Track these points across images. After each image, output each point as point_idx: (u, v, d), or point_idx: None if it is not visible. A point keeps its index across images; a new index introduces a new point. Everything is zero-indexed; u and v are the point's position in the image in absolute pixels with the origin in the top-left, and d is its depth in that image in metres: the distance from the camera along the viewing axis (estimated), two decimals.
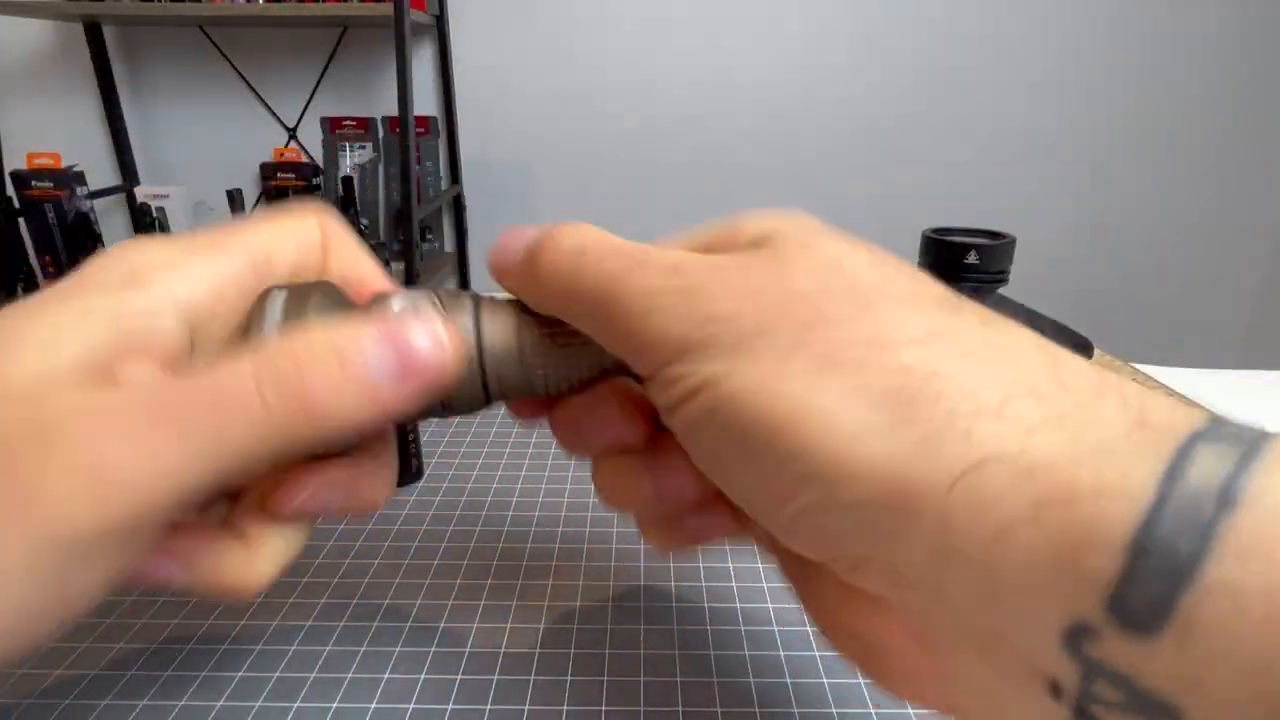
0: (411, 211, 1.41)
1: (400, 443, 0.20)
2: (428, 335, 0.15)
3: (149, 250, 0.16)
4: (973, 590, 0.11)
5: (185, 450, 0.13)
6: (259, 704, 0.21)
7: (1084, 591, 0.10)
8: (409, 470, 0.33)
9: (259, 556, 0.17)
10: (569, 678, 0.22)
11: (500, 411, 0.40)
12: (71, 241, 1.48)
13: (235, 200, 1.54)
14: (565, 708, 0.21)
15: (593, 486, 0.19)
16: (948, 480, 0.11)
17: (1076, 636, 0.10)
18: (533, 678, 0.22)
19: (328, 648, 0.23)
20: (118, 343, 0.15)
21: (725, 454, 0.14)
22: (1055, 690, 0.11)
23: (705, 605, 0.26)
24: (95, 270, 0.16)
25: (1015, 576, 0.11)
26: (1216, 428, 0.11)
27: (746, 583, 0.27)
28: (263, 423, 0.14)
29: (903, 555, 0.12)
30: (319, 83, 1.66)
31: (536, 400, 0.19)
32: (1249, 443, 0.11)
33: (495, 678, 0.22)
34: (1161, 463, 0.10)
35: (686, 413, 0.15)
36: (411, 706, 0.21)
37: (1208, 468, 0.10)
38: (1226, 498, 0.10)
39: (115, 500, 0.13)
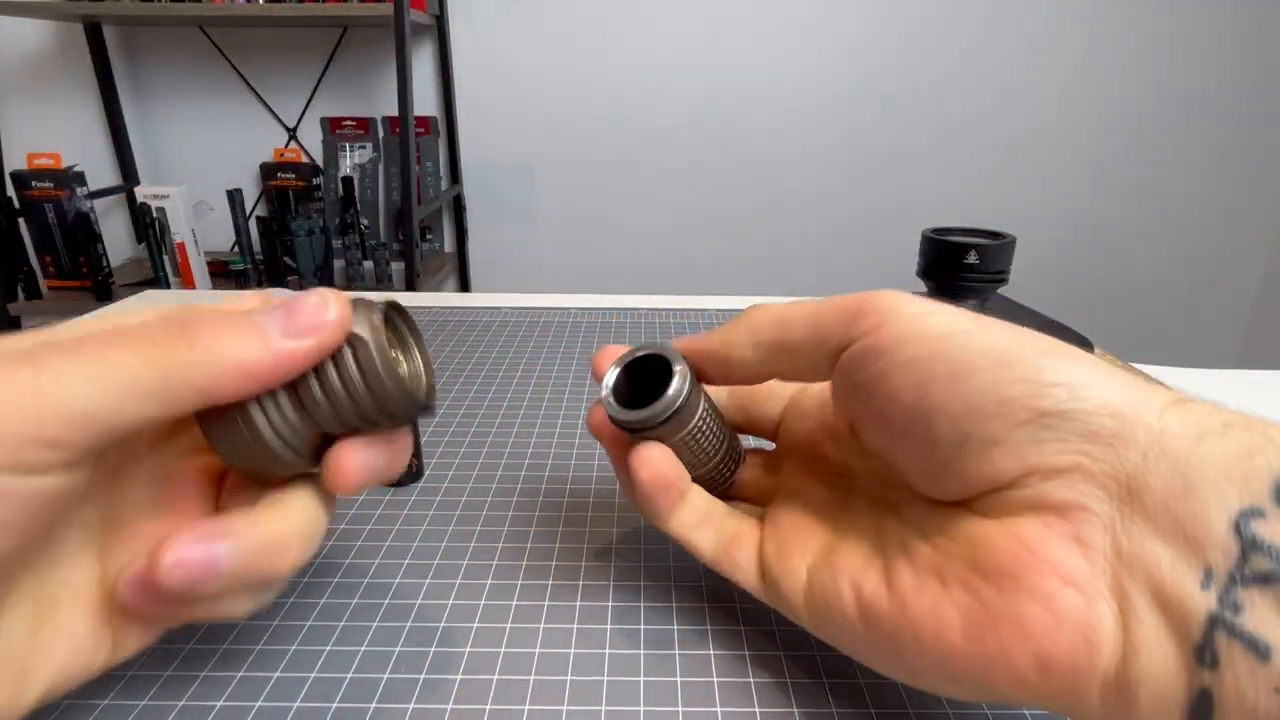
0: (411, 211, 1.41)
1: None
2: (315, 296, 0.18)
3: None
4: (1175, 482, 0.15)
5: (75, 367, 0.15)
6: (259, 704, 0.21)
7: (1257, 482, 0.14)
8: (409, 471, 0.33)
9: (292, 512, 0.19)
10: (569, 678, 0.22)
11: (502, 412, 0.40)
12: (71, 241, 1.48)
13: (235, 200, 1.54)
14: (565, 708, 0.21)
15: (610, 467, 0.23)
16: (1159, 407, 0.16)
17: (1246, 518, 0.14)
18: (533, 678, 0.22)
19: (328, 648, 0.23)
20: None
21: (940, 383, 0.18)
22: (1207, 576, 0.14)
23: (705, 605, 0.26)
24: None
25: (1209, 469, 0.15)
26: None
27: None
28: (149, 347, 0.16)
29: (1116, 456, 0.16)
30: (319, 83, 1.66)
31: None
32: None
33: (495, 678, 0.22)
34: None
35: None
36: (411, 706, 0.21)
37: None
38: None
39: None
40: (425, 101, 1.66)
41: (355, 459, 0.19)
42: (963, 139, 1.72)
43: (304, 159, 1.70)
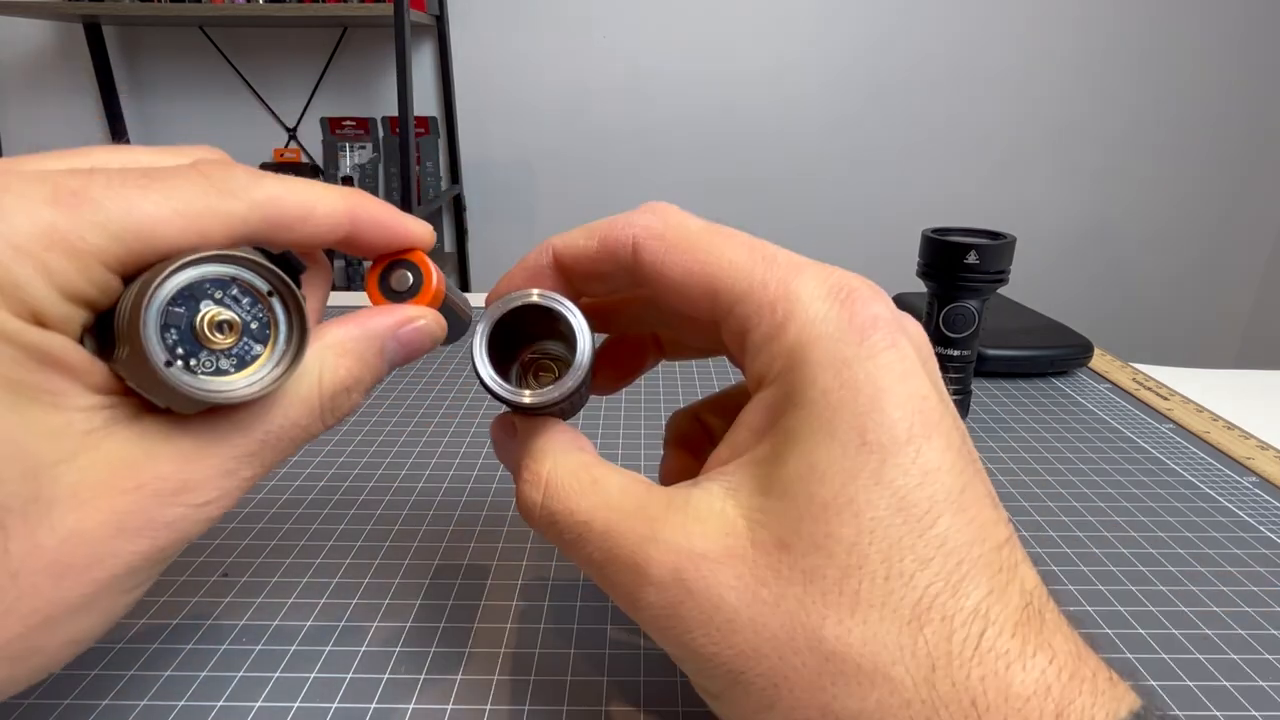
0: (411, 211, 1.41)
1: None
2: (434, 330, 0.18)
3: None
4: None
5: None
6: (259, 704, 0.21)
7: None
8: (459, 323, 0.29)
9: None
10: (569, 678, 0.22)
11: (502, 410, 0.40)
12: None
13: None
14: (565, 708, 0.21)
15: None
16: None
17: None
18: (532, 678, 0.22)
19: (328, 648, 0.23)
20: None
21: None
22: None
23: None
24: None
25: None
26: None
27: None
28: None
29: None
30: (319, 83, 1.66)
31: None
32: None
33: (495, 678, 0.22)
34: None
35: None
36: (412, 706, 0.21)
37: None
38: None
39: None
40: (425, 101, 1.66)
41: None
42: (963, 138, 1.72)
43: (304, 159, 1.70)
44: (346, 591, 0.26)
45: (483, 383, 0.18)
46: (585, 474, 0.18)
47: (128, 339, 0.14)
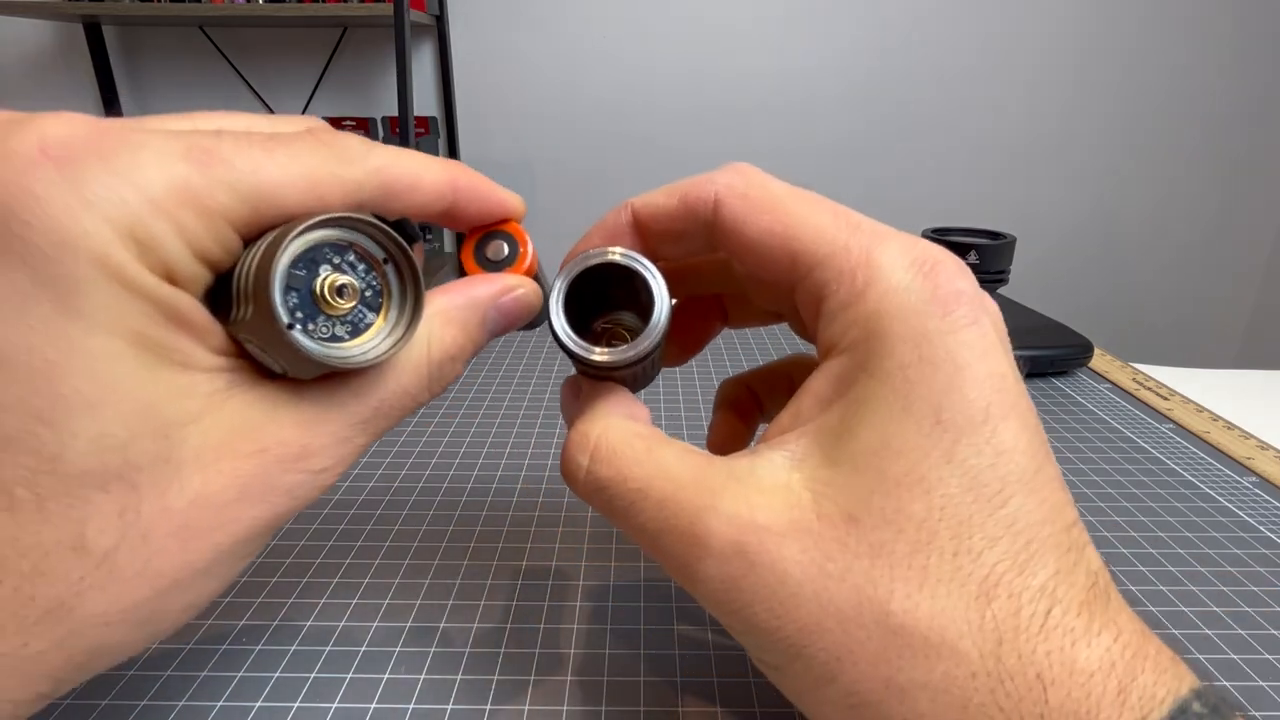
0: None
1: None
2: (531, 298, 0.18)
3: None
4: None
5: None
6: (259, 704, 0.21)
7: None
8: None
9: None
10: (569, 678, 0.22)
11: (505, 408, 0.40)
12: None
13: None
14: (565, 708, 0.21)
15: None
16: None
17: None
18: (532, 678, 0.22)
19: (328, 648, 0.23)
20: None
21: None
22: None
23: None
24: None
25: None
26: None
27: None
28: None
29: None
30: (319, 83, 1.66)
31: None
32: None
33: (495, 678, 0.22)
34: None
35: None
36: (411, 706, 0.21)
37: None
38: None
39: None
40: (425, 101, 1.66)
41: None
42: (963, 139, 1.72)
43: None
44: (346, 591, 0.26)
45: (556, 336, 0.18)
46: (639, 441, 0.17)
47: (252, 299, 0.13)
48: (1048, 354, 0.47)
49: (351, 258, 0.15)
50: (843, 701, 0.15)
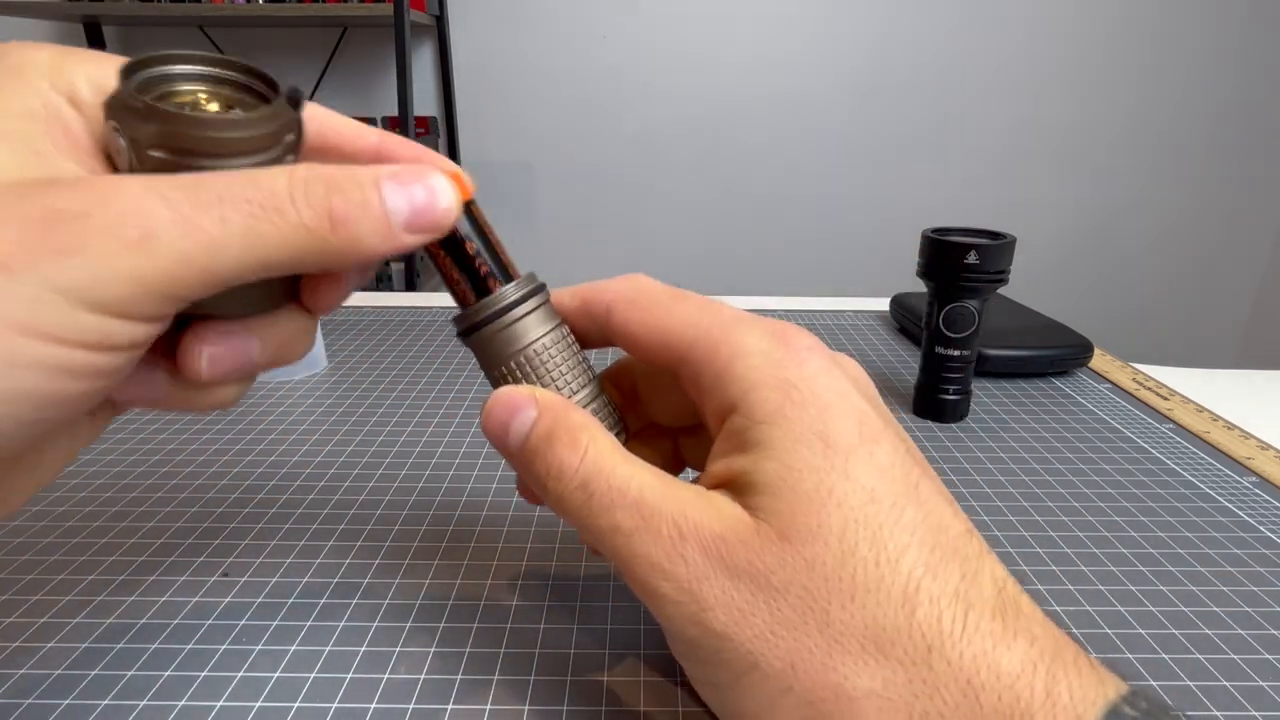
0: None
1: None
2: (440, 188, 0.17)
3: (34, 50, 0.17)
4: None
5: (224, 231, 0.14)
6: (259, 704, 0.21)
7: None
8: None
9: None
10: (569, 678, 0.22)
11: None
12: None
13: None
14: (565, 708, 0.21)
15: None
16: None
17: None
18: (532, 678, 0.22)
19: (328, 648, 0.23)
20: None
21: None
22: None
23: None
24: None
25: None
26: None
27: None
28: (292, 227, 0.15)
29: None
30: (319, 83, 1.66)
31: None
32: None
33: (495, 678, 0.22)
34: None
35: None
36: (412, 707, 0.21)
37: None
38: None
39: (153, 266, 0.14)
40: (425, 101, 1.66)
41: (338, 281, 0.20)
42: (963, 138, 1.72)
43: None
44: (346, 591, 0.26)
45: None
46: (619, 451, 0.19)
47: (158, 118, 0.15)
48: (1048, 354, 0.47)
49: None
50: (799, 713, 0.16)
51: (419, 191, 0.17)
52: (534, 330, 0.20)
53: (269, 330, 0.18)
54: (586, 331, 0.21)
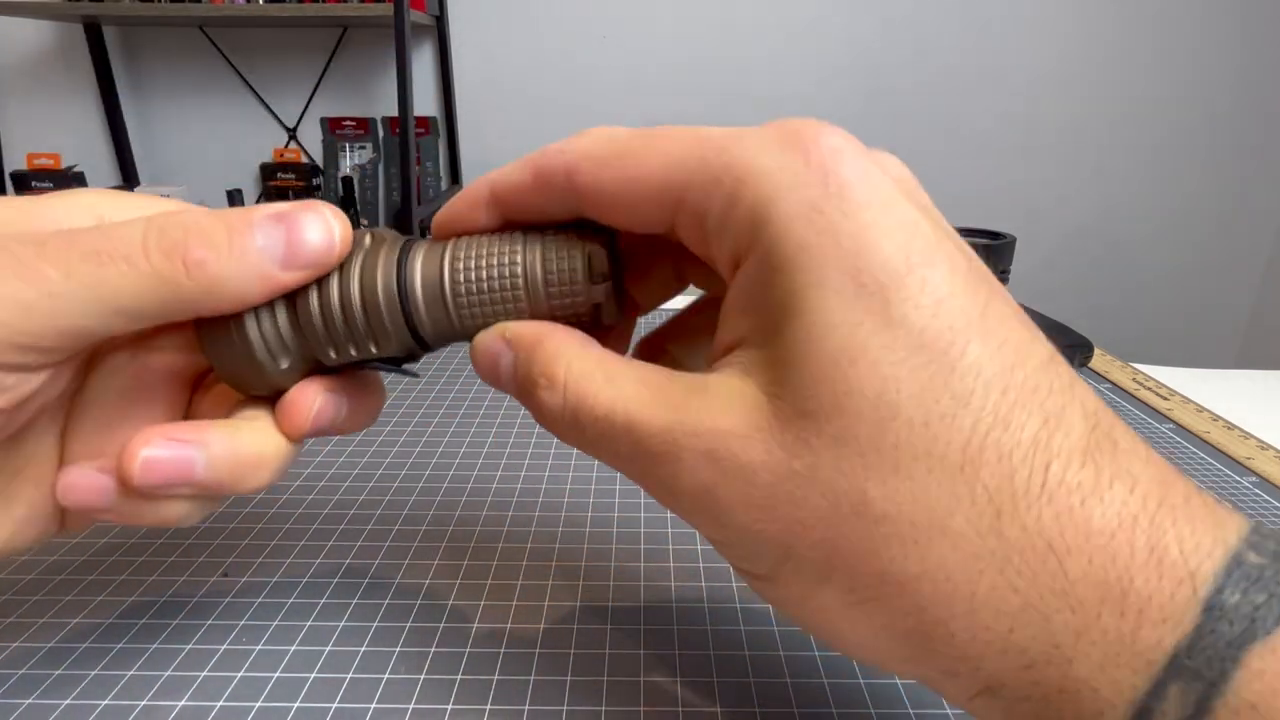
0: (411, 211, 1.41)
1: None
2: (319, 223, 0.17)
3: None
4: None
5: (67, 281, 0.15)
6: (259, 704, 0.21)
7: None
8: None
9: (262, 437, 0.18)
10: (569, 678, 0.22)
11: (505, 408, 0.40)
12: None
13: (235, 200, 1.54)
14: (565, 708, 0.21)
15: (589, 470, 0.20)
16: (967, 696, 0.14)
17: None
18: (533, 678, 0.22)
19: (328, 648, 0.23)
20: None
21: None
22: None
23: (705, 605, 0.26)
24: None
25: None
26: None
27: (746, 583, 0.27)
28: (142, 275, 0.15)
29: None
30: (319, 83, 1.66)
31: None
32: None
33: (495, 678, 0.22)
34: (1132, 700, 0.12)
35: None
36: (411, 706, 0.21)
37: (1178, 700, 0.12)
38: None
39: None
40: (425, 101, 1.66)
41: (309, 398, 0.18)
42: (963, 138, 1.72)
43: (304, 159, 1.70)
44: (347, 591, 0.26)
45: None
46: (600, 370, 0.16)
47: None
48: None
49: None
50: (842, 601, 0.14)
51: (296, 228, 0.16)
52: (434, 281, 0.17)
53: (222, 443, 0.17)
54: (545, 208, 0.18)
